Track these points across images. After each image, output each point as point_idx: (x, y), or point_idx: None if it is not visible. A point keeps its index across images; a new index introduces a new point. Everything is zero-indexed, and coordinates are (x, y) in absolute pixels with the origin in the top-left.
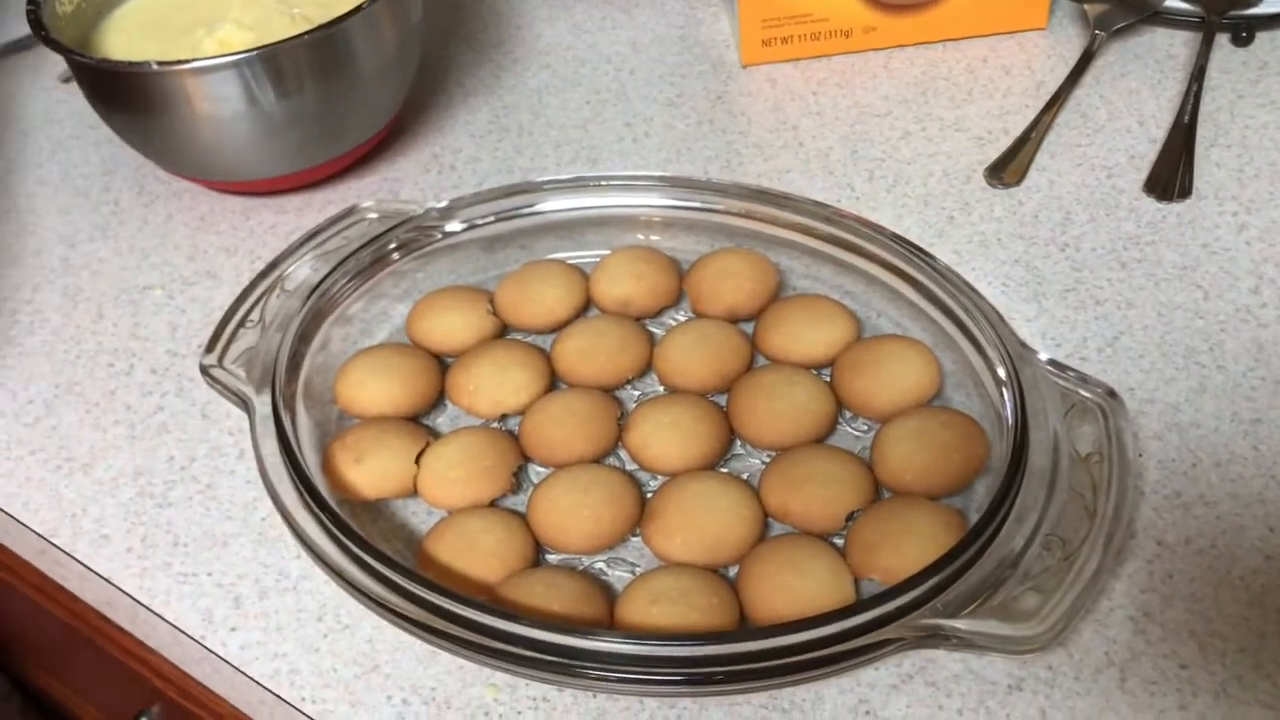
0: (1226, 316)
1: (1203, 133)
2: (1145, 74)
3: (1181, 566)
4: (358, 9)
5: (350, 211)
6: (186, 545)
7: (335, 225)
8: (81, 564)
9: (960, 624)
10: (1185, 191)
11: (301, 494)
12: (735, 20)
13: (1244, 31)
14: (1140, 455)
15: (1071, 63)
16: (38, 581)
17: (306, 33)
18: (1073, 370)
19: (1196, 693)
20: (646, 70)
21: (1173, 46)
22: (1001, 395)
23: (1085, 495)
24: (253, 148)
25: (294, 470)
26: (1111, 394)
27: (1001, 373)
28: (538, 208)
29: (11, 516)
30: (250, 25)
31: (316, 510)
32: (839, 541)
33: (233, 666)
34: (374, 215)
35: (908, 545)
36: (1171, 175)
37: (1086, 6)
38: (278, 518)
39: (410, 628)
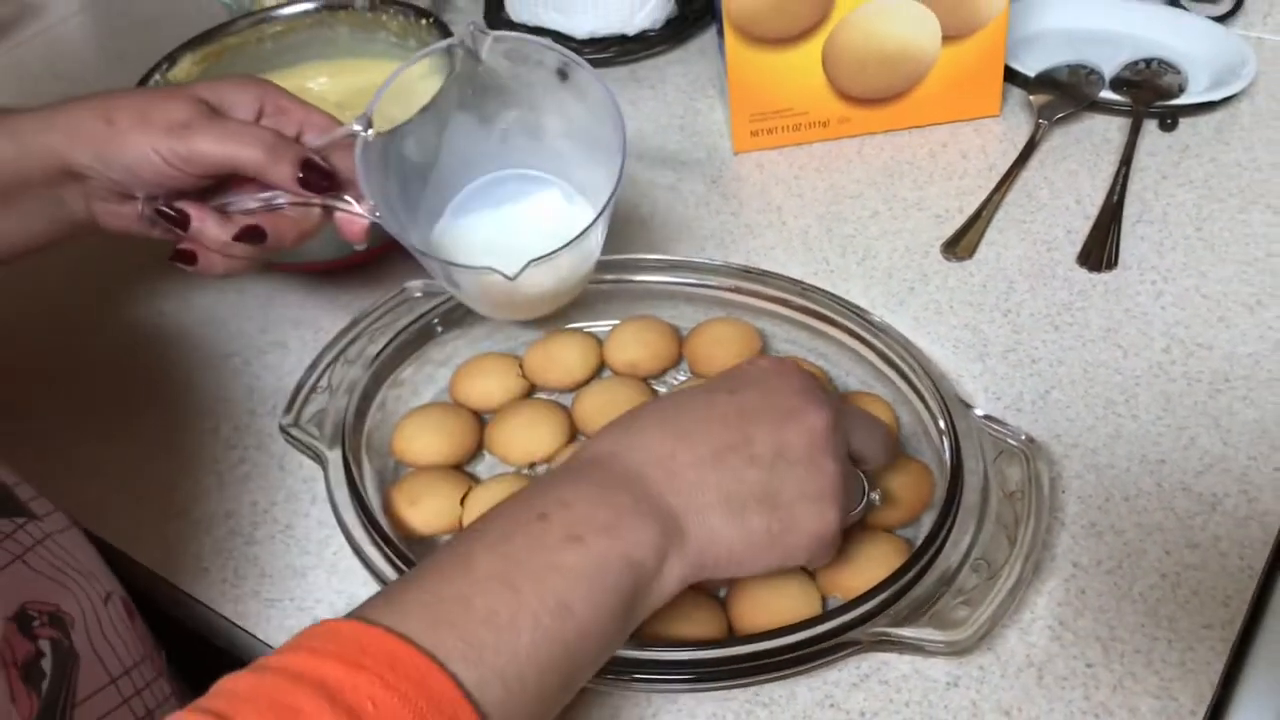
0: (1141, 372)
1: (1130, 210)
2: (1083, 157)
3: (1093, 584)
4: (408, 121)
5: (400, 292)
6: (271, 576)
7: (387, 303)
8: (185, 593)
9: (905, 631)
10: (1112, 263)
11: (369, 532)
12: (728, 112)
13: (1169, 119)
14: (1064, 492)
15: (1020, 146)
16: None
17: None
18: (1002, 422)
19: (1099, 686)
20: (651, 156)
21: (1108, 131)
22: (942, 443)
23: (1008, 526)
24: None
25: (363, 512)
26: (1032, 441)
27: (942, 424)
28: None
29: (124, 553)
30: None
31: (382, 545)
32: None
33: None
34: (419, 294)
35: (864, 568)
36: (1101, 248)
37: (1033, 97)
38: (347, 551)
39: None
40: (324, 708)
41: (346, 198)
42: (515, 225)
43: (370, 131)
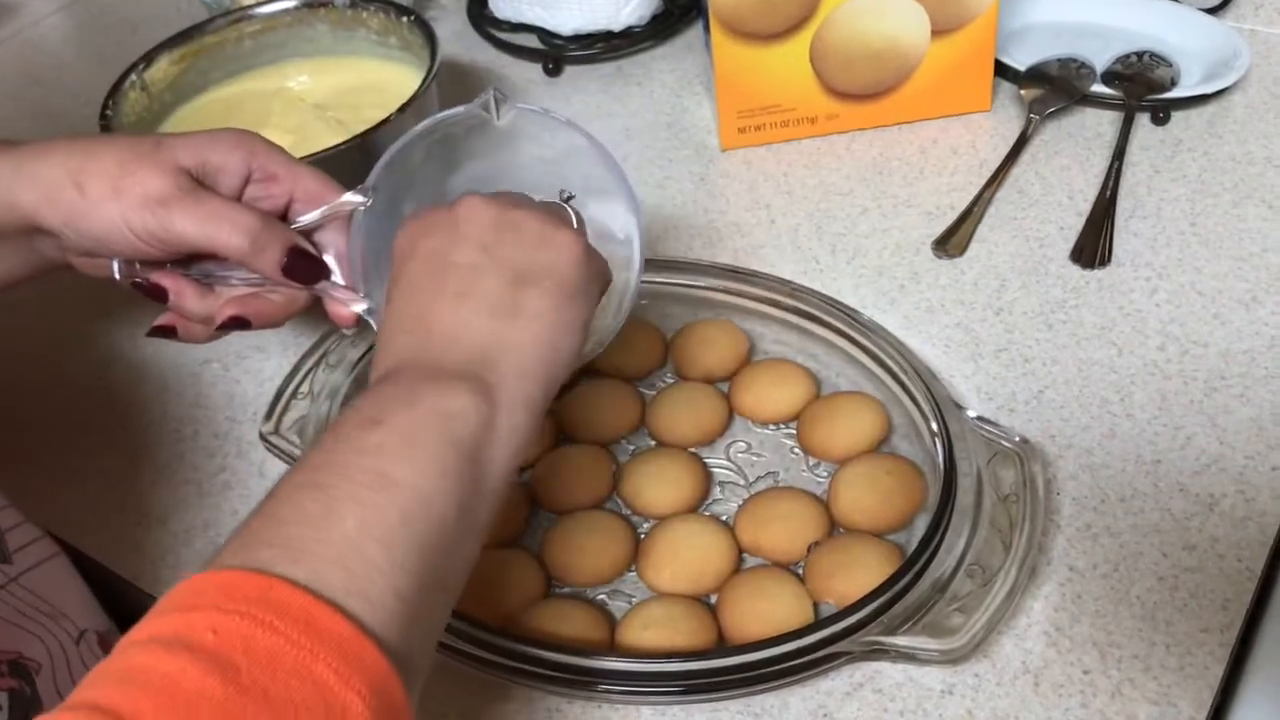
0: (1136, 370)
1: (1123, 205)
2: (1075, 152)
3: (1089, 588)
4: (386, 120)
5: None
6: None
7: None
8: None
9: (899, 639)
10: (1105, 259)
11: None
12: (716, 108)
13: (1161, 112)
14: (1059, 494)
15: (1011, 142)
16: None
17: (344, 142)
18: (996, 424)
19: (1096, 693)
20: (639, 155)
21: (1100, 126)
22: (935, 445)
23: (1003, 530)
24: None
25: None
26: (1026, 443)
27: (934, 426)
28: None
29: (103, 565)
30: (291, 129)
31: None
32: (801, 570)
33: None
34: None
35: (856, 574)
36: (1094, 245)
37: (1024, 91)
38: None
39: (444, 653)
40: (161, 655)
41: (336, 284)
42: None
43: (367, 203)
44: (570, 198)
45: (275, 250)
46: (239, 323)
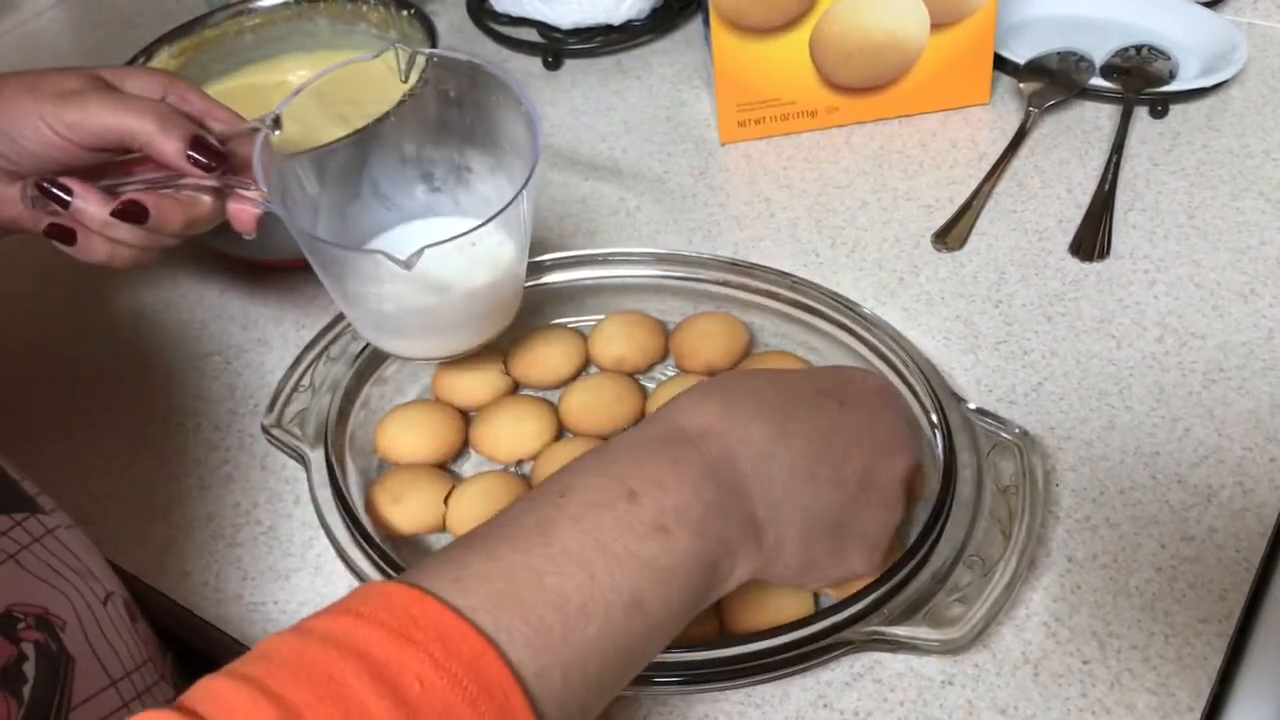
0: (1135, 363)
1: (1121, 198)
2: (1074, 145)
3: (1088, 579)
4: (386, 114)
5: None
6: (254, 579)
7: None
8: (167, 597)
9: (899, 630)
10: (1104, 252)
11: (353, 533)
12: (715, 102)
13: (1159, 106)
14: (1058, 485)
15: (1010, 135)
16: None
17: (345, 136)
18: (995, 416)
19: (1095, 683)
20: (637, 149)
21: (1099, 119)
22: (935, 437)
23: (1002, 521)
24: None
25: (346, 513)
26: (1026, 435)
27: (934, 418)
28: (543, 280)
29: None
30: (294, 118)
31: (365, 547)
32: None
33: None
34: None
35: None
36: (1093, 238)
37: (1023, 85)
38: (331, 553)
39: None
40: (367, 682)
41: (240, 183)
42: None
43: (276, 131)
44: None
45: (180, 135)
46: (136, 210)
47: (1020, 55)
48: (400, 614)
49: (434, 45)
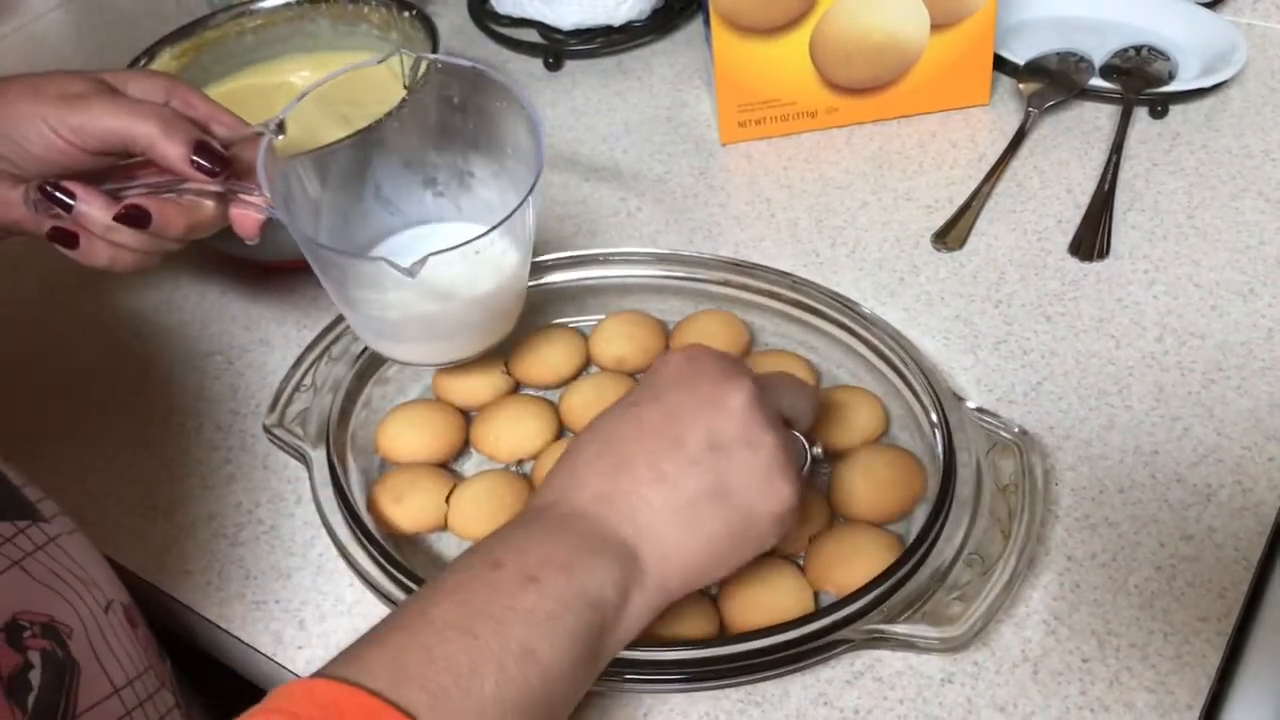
0: (1134, 363)
1: (1121, 198)
2: (1073, 145)
3: (1087, 577)
4: (388, 114)
5: None
6: (256, 578)
7: None
8: (170, 596)
9: (899, 628)
10: (1104, 252)
11: (354, 532)
12: (715, 102)
13: (1159, 106)
14: (1057, 484)
15: (1010, 135)
16: None
17: (347, 136)
18: (995, 415)
19: (1094, 681)
20: (638, 149)
21: (1099, 120)
22: (934, 436)
23: (1002, 520)
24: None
25: (348, 511)
26: (1025, 434)
27: (934, 417)
28: (544, 280)
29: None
30: (296, 119)
31: (367, 545)
32: (802, 561)
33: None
34: None
35: (857, 564)
36: (1092, 238)
37: (1022, 85)
38: (333, 552)
39: None
40: None
41: (243, 188)
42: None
43: (280, 136)
44: (817, 455)
45: (183, 140)
46: (139, 215)
47: (1020, 56)
48: (326, 704)
49: (435, 46)
